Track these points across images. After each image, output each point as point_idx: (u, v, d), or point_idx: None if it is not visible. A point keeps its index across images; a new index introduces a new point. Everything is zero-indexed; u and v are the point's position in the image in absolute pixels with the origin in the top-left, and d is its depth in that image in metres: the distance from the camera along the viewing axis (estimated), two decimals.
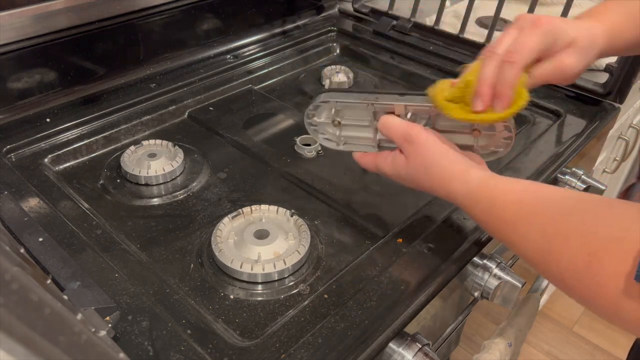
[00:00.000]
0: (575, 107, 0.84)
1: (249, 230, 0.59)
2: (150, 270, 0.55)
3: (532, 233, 0.41)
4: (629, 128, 1.26)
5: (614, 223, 0.36)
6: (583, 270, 0.36)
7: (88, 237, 0.58)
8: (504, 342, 0.59)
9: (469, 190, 0.48)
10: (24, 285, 0.21)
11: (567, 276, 0.38)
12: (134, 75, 0.87)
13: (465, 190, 0.49)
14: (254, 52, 0.99)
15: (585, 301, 0.38)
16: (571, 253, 0.37)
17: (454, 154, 0.51)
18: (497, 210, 0.45)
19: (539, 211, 0.41)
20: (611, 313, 0.36)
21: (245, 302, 0.53)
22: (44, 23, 0.74)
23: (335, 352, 0.46)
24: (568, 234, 0.38)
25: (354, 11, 1.12)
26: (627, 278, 0.33)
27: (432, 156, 0.51)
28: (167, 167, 0.69)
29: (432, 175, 0.51)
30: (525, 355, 1.51)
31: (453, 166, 0.50)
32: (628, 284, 0.33)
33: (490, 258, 0.61)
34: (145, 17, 0.86)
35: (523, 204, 0.43)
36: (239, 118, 0.83)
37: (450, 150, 0.51)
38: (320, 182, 0.70)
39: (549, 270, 0.40)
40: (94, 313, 0.45)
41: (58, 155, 0.72)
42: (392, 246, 0.58)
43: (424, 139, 0.51)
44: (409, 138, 0.52)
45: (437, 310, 0.59)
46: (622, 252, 0.33)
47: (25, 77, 0.75)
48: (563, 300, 1.66)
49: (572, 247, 0.37)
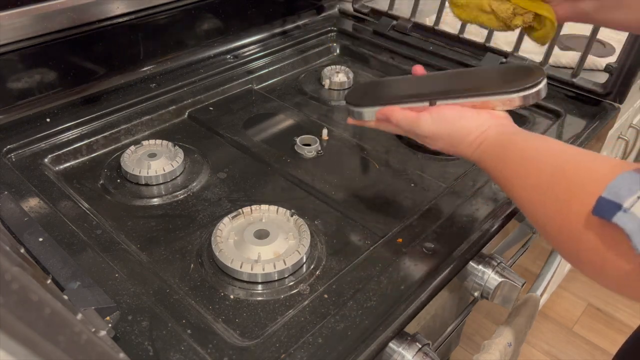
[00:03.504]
0: (575, 107, 0.84)
1: (249, 230, 0.59)
2: (150, 270, 0.55)
3: (528, 186, 0.44)
4: (629, 128, 1.26)
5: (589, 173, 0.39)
6: (557, 211, 0.39)
7: (88, 237, 0.58)
8: (504, 342, 0.59)
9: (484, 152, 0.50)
10: (24, 285, 0.21)
11: (548, 226, 0.41)
12: (134, 75, 0.87)
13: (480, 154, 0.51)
14: (254, 52, 0.99)
15: (561, 248, 0.41)
16: (552, 199, 0.40)
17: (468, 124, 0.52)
18: (504, 165, 0.47)
19: (536, 166, 0.44)
20: (574, 251, 0.39)
21: (245, 302, 0.53)
22: (44, 23, 0.74)
23: (335, 352, 0.46)
24: (553, 185, 0.41)
25: (354, 11, 1.12)
26: (587, 214, 0.36)
27: (449, 137, 0.53)
28: (167, 167, 0.69)
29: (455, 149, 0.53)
30: (525, 355, 1.51)
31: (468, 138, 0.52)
32: (588, 218, 0.36)
33: (490, 258, 0.61)
34: (145, 17, 0.86)
35: (525, 158, 0.45)
36: (239, 118, 0.83)
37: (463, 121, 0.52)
38: (320, 182, 0.70)
39: (538, 222, 0.43)
40: (94, 313, 0.45)
41: (58, 155, 0.72)
42: (392, 246, 0.58)
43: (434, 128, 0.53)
44: (419, 132, 0.54)
45: (437, 310, 0.59)
46: (587, 196, 0.36)
47: (25, 77, 0.75)
48: (563, 300, 1.66)
49: (553, 194, 0.40)
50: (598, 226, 0.35)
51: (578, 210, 0.37)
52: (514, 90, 0.52)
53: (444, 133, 0.53)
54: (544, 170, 0.42)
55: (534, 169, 0.43)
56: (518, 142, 0.48)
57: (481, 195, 0.65)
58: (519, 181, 0.45)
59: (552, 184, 0.41)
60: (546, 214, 0.41)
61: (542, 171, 0.42)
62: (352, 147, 0.78)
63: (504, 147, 0.48)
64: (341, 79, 0.93)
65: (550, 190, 0.41)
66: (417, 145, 0.79)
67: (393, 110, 0.56)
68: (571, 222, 0.38)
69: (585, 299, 1.66)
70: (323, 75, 0.94)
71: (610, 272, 0.36)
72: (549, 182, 0.41)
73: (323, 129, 0.79)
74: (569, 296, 1.67)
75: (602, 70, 0.89)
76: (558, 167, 0.41)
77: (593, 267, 0.37)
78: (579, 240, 0.37)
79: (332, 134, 0.80)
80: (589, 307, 1.64)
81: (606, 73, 0.85)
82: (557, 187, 0.40)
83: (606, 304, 1.65)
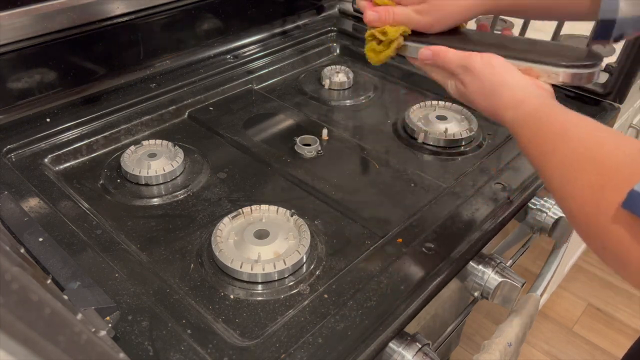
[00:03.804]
0: (575, 107, 0.84)
1: (249, 230, 0.59)
2: (150, 270, 0.55)
3: (560, 163, 0.42)
4: (629, 128, 1.26)
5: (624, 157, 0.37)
6: (588, 198, 0.38)
7: (88, 237, 0.58)
8: (504, 342, 0.59)
9: (520, 117, 0.48)
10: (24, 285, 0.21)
11: (574, 206, 0.39)
12: (134, 75, 0.87)
13: (516, 117, 0.49)
14: (254, 52, 0.99)
15: (586, 235, 0.39)
16: (583, 184, 0.39)
17: (512, 81, 0.50)
18: (539, 140, 0.46)
19: (571, 142, 0.42)
20: (599, 243, 0.38)
21: (245, 302, 0.53)
22: (44, 23, 0.74)
23: (335, 352, 0.46)
24: (585, 166, 0.39)
25: (354, 11, 1.12)
26: (618, 206, 0.35)
27: (490, 84, 0.51)
28: (167, 167, 0.69)
29: (489, 100, 0.51)
30: (525, 355, 1.51)
31: (509, 93, 0.50)
32: (617, 211, 0.35)
33: (490, 258, 0.61)
34: (145, 17, 0.86)
35: (561, 134, 0.44)
36: (239, 118, 0.83)
37: (508, 75, 0.51)
38: (320, 182, 0.70)
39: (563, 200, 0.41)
40: (94, 313, 0.45)
41: (58, 155, 0.72)
42: (392, 246, 0.58)
43: (479, 68, 0.52)
44: (466, 68, 0.53)
45: (437, 310, 0.59)
46: (620, 184, 0.35)
47: (25, 77, 0.75)
48: (563, 300, 1.66)
49: (585, 178, 0.39)
50: (628, 219, 0.34)
51: (610, 198, 0.36)
52: (562, 65, 0.51)
53: (487, 79, 0.51)
54: (578, 148, 0.41)
55: (570, 145, 0.42)
56: (558, 115, 0.46)
57: (481, 195, 0.65)
58: (552, 158, 0.43)
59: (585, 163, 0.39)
60: (576, 197, 0.39)
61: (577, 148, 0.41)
62: (352, 147, 0.78)
63: (543, 118, 0.46)
64: (341, 79, 0.93)
65: (582, 171, 0.39)
66: (416, 138, 0.79)
67: (440, 47, 0.54)
68: (600, 209, 0.36)
69: (585, 299, 1.66)
70: (323, 75, 0.94)
71: (635, 267, 0.35)
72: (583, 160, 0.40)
73: (323, 129, 0.79)
74: (569, 296, 1.67)
75: (602, 70, 0.89)
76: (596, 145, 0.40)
77: (617, 259, 0.36)
78: (607, 230, 0.36)
79: (332, 134, 0.80)
80: (589, 307, 1.64)
81: (606, 73, 0.85)
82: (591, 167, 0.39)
83: (606, 304, 1.65)
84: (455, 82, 0.55)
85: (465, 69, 0.53)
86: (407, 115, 0.82)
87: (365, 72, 1.00)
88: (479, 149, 0.78)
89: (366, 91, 0.93)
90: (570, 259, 1.63)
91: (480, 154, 0.77)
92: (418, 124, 0.80)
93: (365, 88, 0.94)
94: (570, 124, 0.44)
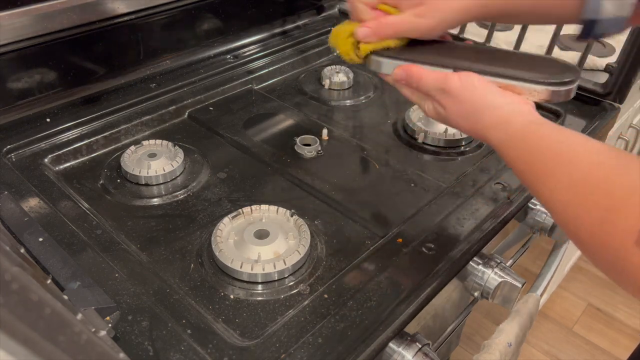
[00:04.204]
0: (575, 107, 0.84)
1: (249, 230, 0.59)
2: (150, 270, 0.55)
3: (560, 185, 0.41)
4: (629, 128, 1.26)
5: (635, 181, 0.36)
6: (598, 224, 0.37)
7: (88, 237, 0.58)
8: (504, 342, 0.59)
9: (507, 138, 0.47)
10: (24, 285, 0.21)
11: (582, 231, 0.38)
12: (134, 75, 0.87)
13: (503, 138, 0.47)
14: (254, 52, 0.99)
15: (595, 257, 0.38)
16: (590, 207, 0.38)
17: (495, 100, 0.48)
18: (533, 159, 0.44)
19: (571, 164, 0.41)
20: (618, 269, 0.36)
21: (245, 302, 0.53)
22: (44, 23, 0.74)
23: (335, 352, 0.46)
24: (592, 189, 0.38)
25: None
26: (637, 233, 0.33)
27: (472, 106, 0.49)
28: (167, 167, 0.69)
29: (472, 122, 0.49)
30: (525, 355, 1.51)
31: (493, 113, 0.48)
32: (637, 238, 0.33)
33: (490, 258, 0.61)
34: (145, 17, 0.86)
35: (558, 154, 0.43)
36: (239, 118, 0.83)
37: (490, 94, 0.49)
38: (320, 182, 0.70)
39: (567, 224, 0.40)
40: (94, 313, 0.45)
41: (58, 155, 0.72)
42: (392, 246, 0.58)
43: (458, 89, 0.49)
44: (443, 90, 0.50)
45: (437, 310, 0.59)
46: (633, 207, 0.34)
47: (25, 77, 0.75)
48: (563, 300, 1.66)
49: (592, 202, 0.38)
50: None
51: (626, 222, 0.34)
52: (546, 82, 0.49)
53: (467, 100, 0.49)
54: (580, 170, 0.40)
55: (570, 168, 0.40)
56: (550, 134, 0.44)
57: (481, 195, 0.65)
58: (550, 179, 0.42)
59: (591, 187, 0.38)
60: (584, 222, 0.38)
61: (579, 171, 0.40)
62: (352, 147, 0.78)
63: (532, 137, 0.45)
64: (341, 79, 0.93)
65: (589, 195, 0.38)
66: (415, 139, 0.79)
67: (415, 67, 0.52)
68: (615, 233, 0.35)
69: (585, 299, 1.66)
70: (323, 75, 0.94)
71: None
72: (587, 183, 0.38)
73: (323, 129, 0.79)
74: (569, 296, 1.67)
75: (602, 71, 0.89)
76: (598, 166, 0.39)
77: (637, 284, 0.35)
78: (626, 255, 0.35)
79: (332, 134, 0.80)
80: (589, 307, 1.64)
81: (606, 73, 0.85)
82: (598, 191, 0.37)
83: (606, 304, 1.65)
84: (432, 104, 0.52)
85: (442, 92, 0.50)
86: (407, 115, 0.82)
87: (365, 72, 1.00)
88: (479, 149, 0.78)
89: (366, 91, 0.93)
90: (570, 259, 1.63)
91: (480, 154, 0.77)
92: (418, 124, 0.80)
93: (365, 88, 0.94)
94: (563, 145, 0.43)
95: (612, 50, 1.04)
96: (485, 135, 0.49)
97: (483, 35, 0.96)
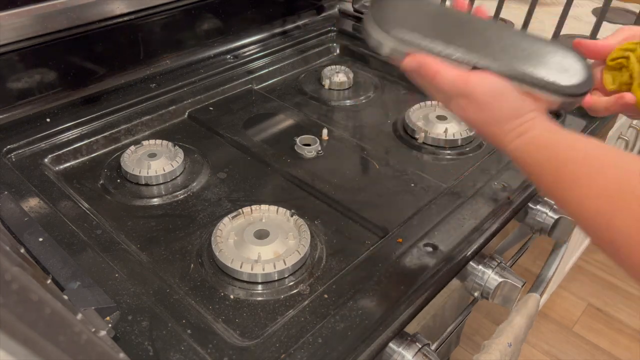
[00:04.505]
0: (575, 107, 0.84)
1: (249, 230, 0.59)
2: (150, 270, 0.55)
3: (590, 193, 0.40)
4: (629, 128, 1.26)
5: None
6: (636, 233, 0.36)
7: (88, 237, 0.58)
8: (504, 342, 0.59)
9: (529, 147, 0.45)
10: (24, 285, 0.21)
11: (619, 240, 0.37)
12: (134, 75, 0.87)
13: (524, 147, 0.46)
14: (254, 52, 0.99)
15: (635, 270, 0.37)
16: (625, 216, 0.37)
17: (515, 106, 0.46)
18: (559, 169, 0.43)
19: (601, 173, 0.40)
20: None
21: (245, 302, 0.53)
22: (44, 23, 0.74)
23: (335, 352, 0.46)
24: (626, 197, 0.37)
25: (354, 11, 1.12)
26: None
27: (490, 112, 0.47)
28: (167, 167, 0.69)
29: (490, 128, 0.48)
30: (525, 355, 1.51)
31: (515, 121, 0.46)
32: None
33: (490, 258, 0.61)
34: (145, 17, 0.86)
35: (586, 163, 0.41)
36: (239, 118, 0.83)
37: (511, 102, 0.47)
38: (320, 182, 0.70)
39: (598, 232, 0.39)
40: (94, 313, 0.45)
41: (58, 155, 0.72)
42: (392, 246, 0.58)
43: (477, 94, 0.47)
44: (461, 92, 0.47)
45: (437, 310, 0.59)
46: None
47: (25, 77, 0.75)
48: (563, 300, 1.66)
49: (627, 210, 0.37)
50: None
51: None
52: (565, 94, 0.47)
53: (486, 105, 0.46)
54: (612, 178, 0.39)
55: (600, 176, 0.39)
56: (576, 143, 0.43)
57: (481, 195, 0.65)
58: (578, 188, 0.40)
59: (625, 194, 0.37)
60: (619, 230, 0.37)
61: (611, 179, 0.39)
62: (352, 147, 0.78)
63: (558, 146, 0.43)
64: (341, 79, 0.93)
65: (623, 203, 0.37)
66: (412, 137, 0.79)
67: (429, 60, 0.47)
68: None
69: (585, 299, 1.66)
70: (323, 75, 0.94)
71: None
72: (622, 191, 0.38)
73: (323, 129, 0.79)
74: (569, 296, 1.67)
75: None
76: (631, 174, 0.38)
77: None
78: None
79: (332, 134, 0.80)
80: (589, 307, 1.64)
81: None
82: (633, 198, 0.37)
83: (606, 304, 1.65)
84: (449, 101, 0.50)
85: (460, 94, 0.48)
86: (407, 115, 0.82)
87: (365, 72, 1.00)
88: (479, 149, 0.78)
89: (366, 91, 0.93)
90: (570, 259, 1.63)
91: (480, 154, 0.77)
92: (418, 124, 0.80)
93: (365, 88, 0.94)
94: (591, 153, 0.42)
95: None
96: (503, 141, 0.47)
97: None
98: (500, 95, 0.47)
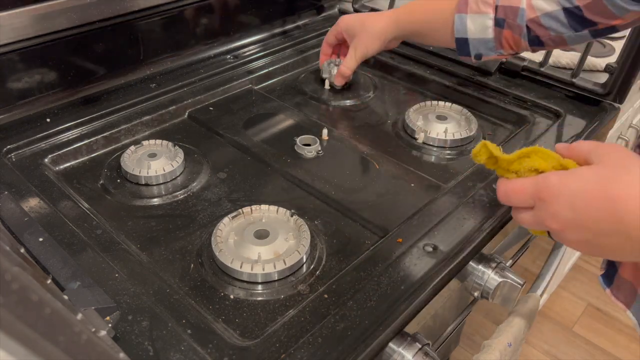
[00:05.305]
0: (575, 107, 0.84)
1: (249, 230, 0.59)
2: (150, 270, 0.55)
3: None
4: (629, 128, 1.26)
5: None
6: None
7: (88, 237, 0.58)
8: (504, 342, 0.59)
9: (627, 232, 0.43)
10: (24, 285, 0.21)
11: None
12: (134, 75, 0.87)
13: (623, 233, 0.43)
14: (254, 52, 0.99)
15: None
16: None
17: (591, 191, 0.45)
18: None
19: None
20: None
21: (245, 302, 0.53)
22: (44, 23, 0.74)
23: (335, 352, 0.46)
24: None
25: (354, 11, 1.12)
26: None
27: (571, 206, 0.46)
28: (167, 167, 0.69)
29: (581, 223, 0.46)
30: (525, 355, 1.51)
31: (598, 214, 0.44)
32: None
33: (490, 258, 0.61)
34: (145, 17, 0.86)
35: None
36: (239, 118, 0.83)
37: (583, 188, 0.45)
38: (320, 182, 0.70)
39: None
40: (94, 313, 0.45)
41: (58, 155, 0.72)
42: (392, 246, 0.58)
43: (556, 192, 0.47)
44: (540, 196, 0.48)
45: (437, 310, 0.59)
46: None
47: (25, 77, 0.75)
48: (563, 300, 1.66)
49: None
50: None
51: None
52: None
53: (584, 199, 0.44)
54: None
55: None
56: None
57: (481, 195, 0.65)
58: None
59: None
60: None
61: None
62: (352, 147, 0.78)
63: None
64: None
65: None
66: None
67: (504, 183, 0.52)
68: None
69: (585, 299, 1.66)
70: (323, 69, 0.94)
71: None
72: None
73: (323, 129, 0.79)
74: (569, 296, 1.67)
75: (602, 71, 0.89)
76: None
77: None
78: None
79: (332, 134, 0.80)
80: (589, 307, 1.64)
81: (606, 73, 0.85)
82: None
83: (606, 304, 1.65)
84: (533, 217, 0.51)
85: (540, 199, 0.48)
86: (407, 115, 0.82)
87: (365, 72, 1.00)
88: None
89: (366, 91, 0.93)
90: (570, 259, 1.63)
91: None
92: (418, 124, 0.80)
93: (365, 88, 0.94)
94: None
95: (612, 50, 1.04)
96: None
97: None
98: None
